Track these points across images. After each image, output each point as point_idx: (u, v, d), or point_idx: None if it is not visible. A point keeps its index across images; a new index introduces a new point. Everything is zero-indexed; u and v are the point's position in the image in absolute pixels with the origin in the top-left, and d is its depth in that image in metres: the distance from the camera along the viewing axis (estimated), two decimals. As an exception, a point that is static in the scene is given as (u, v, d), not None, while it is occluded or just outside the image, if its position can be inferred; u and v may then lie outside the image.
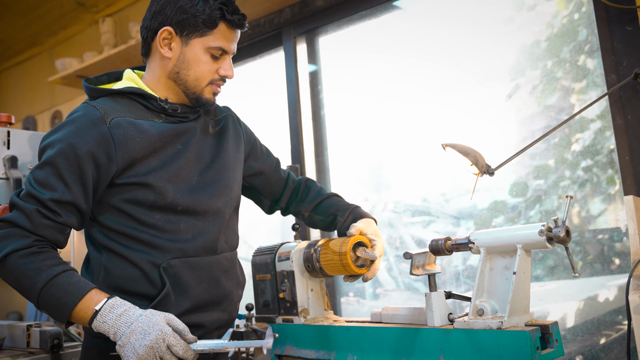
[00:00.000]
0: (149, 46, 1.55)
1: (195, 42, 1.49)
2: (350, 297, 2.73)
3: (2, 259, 1.32)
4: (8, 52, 4.44)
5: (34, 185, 1.38)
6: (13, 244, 1.32)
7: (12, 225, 1.35)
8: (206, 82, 1.53)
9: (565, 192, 2.16)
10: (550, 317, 2.17)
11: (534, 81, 2.25)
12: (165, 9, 1.48)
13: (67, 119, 1.46)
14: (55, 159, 1.38)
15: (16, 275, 1.33)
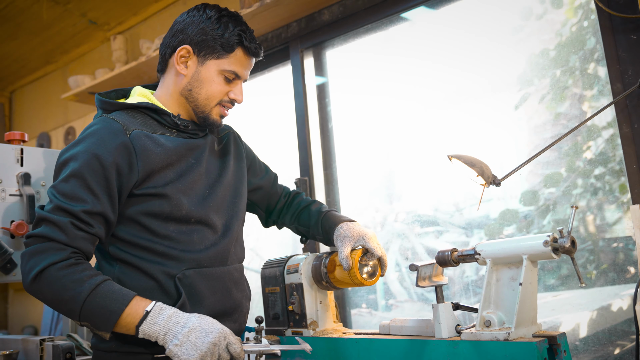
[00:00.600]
0: (166, 62, 1.61)
1: (211, 63, 1.55)
2: (363, 309, 2.72)
3: (39, 273, 1.32)
4: (23, 70, 4.52)
5: (62, 199, 1.38)
6: (50, 258, 1.33)
7: (46, 240, 1.35)
8: (215, 102, 1.58)
9: (577, 200, 2.14)
10: (563, 327, 2.15)
11: (544, 89, 2.25)
12: (187, 29, 1.55)
13: (86, 132, 1.48)
14: (81, 170, 1.40)
15: (56, 288, 1.32)
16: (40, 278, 1.33)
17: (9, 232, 1.83)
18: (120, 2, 3.55)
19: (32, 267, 1.33)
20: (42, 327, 3.80)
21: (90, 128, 1.48)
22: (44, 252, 1.34)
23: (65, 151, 1.46)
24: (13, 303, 4.61)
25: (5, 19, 3.80)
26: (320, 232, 1.76)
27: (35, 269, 1.32)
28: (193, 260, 1.51)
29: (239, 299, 1.62)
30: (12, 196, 1.88)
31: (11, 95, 4.91)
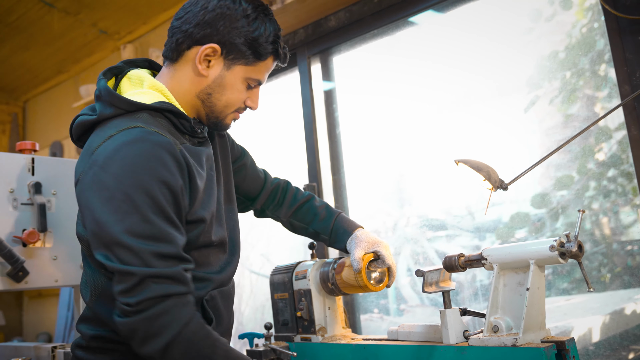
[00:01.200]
0: (180, 53, 1.37)
1: (238, 69, 1.37)
2: (374, 314, 2.72)
3: (170, 343, 1.16)
4: (35, 80, 4.59)
5: (153, 244, 1.17)
6: (177, 321, 1.16)
7: (165, 298, 1.16)
8: (233, 109, 1.43)
9: (590, 203, 2.13)
10: (575, 331, 2.13)
11: (554, 92, 2.24)
12: (218, 23, 1.33)
13: (128, 152, 1.21)
14: (159, 204, 1.19)
15: (190, 357, 1.18)
16: (172, 348, 1.16)
17: (20, 241, 1.86)
18: (130, 12, 3.59)
19: (158, 334, 1.15)
20: (56, 333, 3.84)
21: (135, 145, 1.21)
22: (167, 314, 1.16)
23: (114, 177, 1.19)
24: (28, 310, 4.67)
25: (18, 30, 3.86)
26: (330, 233, 1.68)
27: (164, 338, 1.15)
28: (215, 281, 1.42)
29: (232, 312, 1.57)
30: (24, 205, 1.90)
31: (24, 105, 4.98)
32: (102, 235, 1.17)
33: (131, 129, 1.24)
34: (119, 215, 1.16)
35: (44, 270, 1.92)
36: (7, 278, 1.83)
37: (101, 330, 1.34)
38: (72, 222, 2.01)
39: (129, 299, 1.14)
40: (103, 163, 1.20)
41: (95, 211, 1.18)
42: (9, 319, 4.42)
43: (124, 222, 1.16)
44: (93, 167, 1.22)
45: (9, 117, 4.87)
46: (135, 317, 1.15)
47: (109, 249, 1.17)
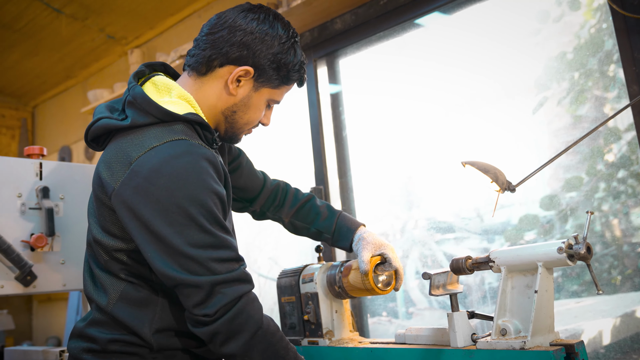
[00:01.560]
0: (211, 68, 1.39)
1: (265, 91, 1.43)
2: (383, 317, 2.71)
3: (250, 339, 1.24)
4: (44, 85, 4.62)
5: (214, 252, 1.23)
6: (254, 321, 1.25)
7: (237, 300, 1.24)
8: (251, 126, 1.49)
9: (600, 204, 2.11)
10: (585, 334, 2.11)
11: (562, 93, 2.22)
12: (256, 47, 1.36)
13: (176, 165, 1.23)
14: (212, 212, 1.25)
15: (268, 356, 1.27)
16: (253, 344, 1.25)
17: (28, 245, 1.87)
18: (137, 17, 3.61)
19: (238, 333, 1.24)
20: (65, 337, 3.85)
21: (183, 158, 1.25)
22: (242, 313, 1.24)
23: (165, 189, 1.21)
24: (37, 314, 4.69)
25: (27, 36, 3.89)
26: (333, 232, 1.70)
27: (244, 336, 1.24)
28: None
29: None
30: (32, 209, 1.91)
31: (33, 110, 5.01)
32: (163, 247, 1.21)
33: (176, 141, 1.27)
34: (177, 228, 1.21)
35: (52, 274, 1.93)
36: (16, 282, 1.83)
37: (119, 334, 1.34)
38: (80, 226, 2.01)
39: (206, 310, 1.21)
40: (148, 175, 1.22)
41: (149, 224, 1.22)
42: (18, 323, 4.44)
43: (184, 235, 1.21)
44: (135, 178, 1.23)
45: (18, 122, 4.90)
46: (214, 324, 1.22)
47: (173, 260, 1.21)
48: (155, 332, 1.33)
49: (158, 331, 1.34)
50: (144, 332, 1.32)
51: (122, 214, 1.27)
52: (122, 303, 1.35)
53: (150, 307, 1.35)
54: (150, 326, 1.33)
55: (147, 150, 1.26)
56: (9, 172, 1.88)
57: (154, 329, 1.33)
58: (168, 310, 1.36)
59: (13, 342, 4.30)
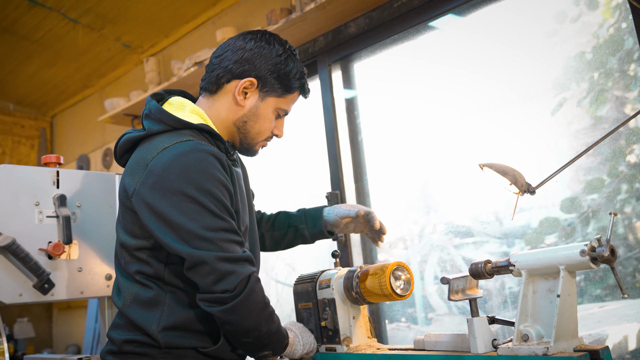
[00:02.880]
0: (220, 85, 1.57)
1: (271, 100, 1.58)
2: (402, 323, 2.68)
3: (247, 281, 1.37)
4: (62, 95, 4.68)
5: (225, 234, 1.37)
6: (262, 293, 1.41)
7: (249, 278, 1.36)
8: (264, 137, 1.62)
9: (622, 206, 2.06)
10: (610, 340, 2.06)
11: (582, 93, 2.18)
12: (256, 61, 1.53)
13: (185, 160, 1.38)
14: (220, 200, 1.39)
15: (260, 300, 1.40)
16: (262, 318, 1.39)
17: (46, 253, 1.88)
18: (152, 25, 3.64)
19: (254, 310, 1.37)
20: (84, 345, 3.88)
21: (190, 154, 1.39)
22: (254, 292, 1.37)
23: (177, 183, 1.36)
24: (57, 322, 4.73)
25: (45, 47, 3.94)
26: (304, 219, 1.84)
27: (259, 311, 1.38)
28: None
29: None
30: (49, 218, 1.92)
31: (52, 120, 5.08)
32: (180, 233, 1.34)
33: (184, 142, 1.42)
34: (191, 215, 1.34)
35: (70, 282, 1.94)
36: (34, 290, 1.84)
37: (132, 334, 1.46)
38: (97, 233, 2.02)
39: (226, 286, 1.33)
40: (162, 172, 1.38)
41: (166, 216, 1.36)
42: (39, 330, 4.48)
43: (198, 220, 1.34)
44: (151, 177, 1.39)
45: (37, 132, 4.97)
46: (233, 302, 1.33)
47: (190, 242, 1.34)
48: (162, 329, 1.42)
49: (165, 329, 1.43)
50: (152, 331, 1.42)
51: (141, 211, 1.41)
52: (134, 304, 1.47)
53: (158, 307, 1.45)
54: (157, 324, 1.43)
55: (159, 151, 1.42)
56: (27, 181, 1.89)
57: (161, 327, 1.43)
58: (175, 310, 1.45)
59: (34, 349, 4.34)
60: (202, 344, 1.46)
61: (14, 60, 4.15)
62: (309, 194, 2.11)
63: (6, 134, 4.79)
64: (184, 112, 1.54)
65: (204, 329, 1.47)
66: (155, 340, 1.43)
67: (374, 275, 1.59)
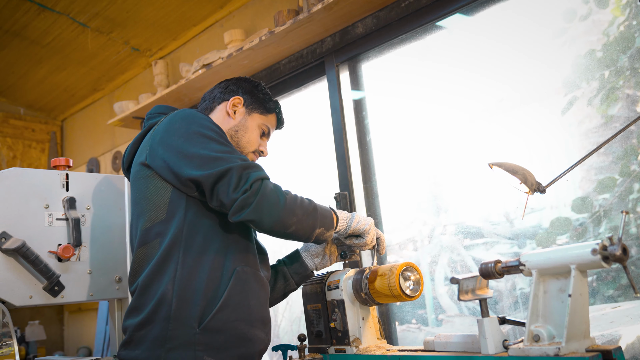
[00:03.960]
0: (213, 108, 1.87)
1: (255, 116, 1.86)
2: (412, 324, 2.66)
3: (285, 197, 1.55)
4: (72, 99, 4.70)
5: (235, 154, 1.56)
6: (279, 188, 1.57)
7: (262, 179, 1.53)
8: (253, 148, 1.85)
9: (635, 205, 2.04)
10: (623, 340, 2.03)
11: (592, 92, 2.16)
12: (241, 85, 1.88)
13: (184, 115, 1.64)
14: (222, 135, 1.62)
15: (300, 204, 1.57)
16: (287, 202, 1.53)
17: (55, 256, 1.89)
18: (160, 29, 3.65)
19: (277, 192, 1.53)
20: (95, 347, 3.89)
21: (188, 111, 1.66)
22: (268, 188, 1.52)
23: (181, 131, 1.58)
24: (68, 325, 4.75)
25: (54, 51, 3.97)
26: (284, 262, 1.90)
27: (282, 195, 1.53)
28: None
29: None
30: (59, 220, 1.93)
31: (62, 124, 5.11)
32: (195, 161, 1.52)
33: (184, 109, 1.69)
34: (201, 145, 1.55)
35: (79, 284, 1.94)
36: (44, 292, 1.85)
37: (143, 314, 1.52)
38: (106, 236, 2.03)
39: (244, 187, 1.48)
40: (166, 127, 1.62)
41: (180, 150, 1.55)
42: (50, 333, 4.51)
43: (208, 147, 1.55)
44: (157, 136, 1.62)
45: (47, 136, 5.00)
46: (256, 198, 1.47)
47: (205, 166, 1.51)
48: (176, 284, 1.51)
49: (179, 287, 1.51)
50: (166, 290, 1.51)
51: (157, 164, 1.60)
52: (149, 269, 1.57)
53: (171, 262, 1.54)
54: (173, 278, 1.52)
55: (160, 121, 1.68)
56: (37, 184, 1.91)
57: (176, 283, 1.51)
58: (186, 264, 1.54)
59: (45, 352, 4.36)
60: (207, 312, 1.50)
61: (24, 64, 4.18)
62: (318, 195, 2.10)
63: (17, 138, 4.82)
64: None
65: (211, 292, 1.53)
66: (168, 304, 1.49)
67: (383, 276, 1.58)
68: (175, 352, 1.46)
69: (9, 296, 1.78)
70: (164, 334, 1.47)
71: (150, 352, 1.48)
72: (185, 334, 1.47)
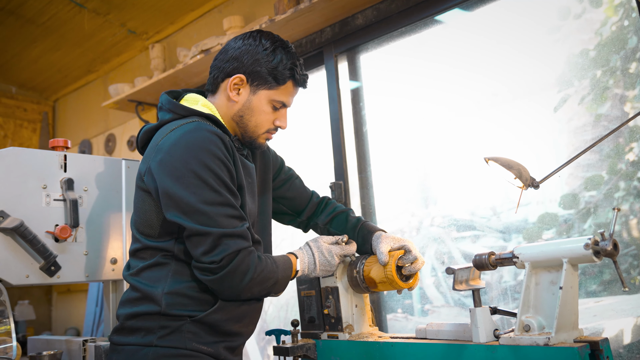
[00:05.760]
0: (217, 85, 1.68)
1: (262, 93, 1.64)
2: (399, 314, 2.71)
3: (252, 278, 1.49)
4: (65, 79, 4.67)
5: (222, 209, 1.45)
6: (251, 266, 1.48)
7: (238, 252, 1.45)
8: (264, 130, 1.68)
9: (620, 203, 2.09)
10: (605, 334, 2.09)
11: (584, 90, 2.20)
12: (243, 57, 1.62)
13: (189, 138, 1.49)
14: (219, 176, 1.48)
15: (265, 278, 1.51)
16: (252, 286, 1.49)
17: (53, 236, 1.90)
18: (158, 12, 3.63)
19: (240, 281, 1.46)
20: (84, 329, 3.91)
21: (194, 133, 1.50)
22: (242, 263, 1.46)
23: (180, 159, 1.47)
24: (57, 305, 4.76)
25: (49, 31, 3.94)
26: (357, 238, 1.79)
27: (245, 282, 1.47)
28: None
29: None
30: (56, 201, 1.94)
31: (54, 104, 5.08)
32: (180, 206, 1.45)
33: (190, 123, 1.53)
34: (192, 189, 1.44)
35: (76, 265, 1.95)
36: (40, 272, 1.86)
37: (136, 307, 1.54)
38: (103, 218, 2.04)
39: (213, 257, 1.42)
40: (168, 149, 1.49)
41: (168, 189, 1.46)
42: (38, 313, 4.51)
43: (197, 194, 1.44)
44: (159, 154, 1.50)
45: (39, 116, 4.97)
46: (221, 273, 1.43)
47: (187, 216, 1.44)
48: (166, 293, 1.52)
49: (169, 293, 1.52)
50: (157, 294, 1.52)
51: (152, 187, 1.53)
52: (143, 272, 1.58)
53: (164, 272, 1.55)
54: (162, 288, 1.52)
55: (168, 132, 1.54)
56: (35, 164, 1.91)
57: (166, 290, 1.52)
58: (178, 277, 1.54)
59: (33, 332, 4.37)
60: (198, 312, 1.52)
61: (18, 43, 4.14)
62: (313, 184, 2.12)
63: (8, 117, 4.79)
64: (196, 105, 1.66)
65: (203, 296, 1.54)
66: (158, 305, 1.51)
67: (378, 264, 1.61)
68: (165, 338, 1.50)
69: (5, 275, 1.79)
70: (156, 324, 1.52)
71: (142, 339, 1.53)
72: (175, 324, 1.51)
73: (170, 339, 1.50)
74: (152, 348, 1.50)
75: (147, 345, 1.51)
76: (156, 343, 1.50)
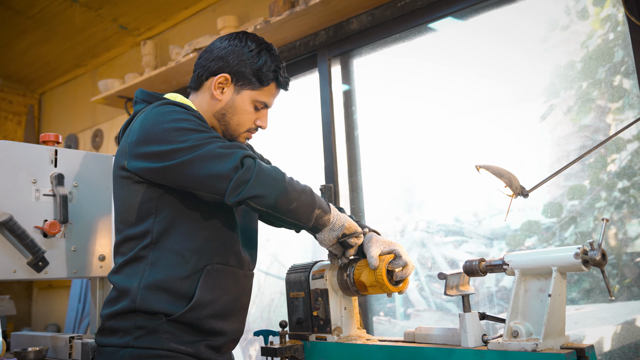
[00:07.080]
0: (201, 83, 1.69)
1: (246, 93, 1.66)
2: (381, 317, 2.73)
3: (253, 167, 1.45)
4: (53, 73, 4.63)
5: (214, 140, 1.46)
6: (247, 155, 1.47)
7: (248, 157, 1.45)
8: (245, 129, 1.69)
9: (601, 213, 2.13)
10: (586, 341, 2.13)
11: (569, 101, 2.24)
12: (228, 57, 1.65)
13: (160, 109, 1.52)
14: (200, 123, 1.51)
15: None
16: (286, 175, 1.48)
17: (41, 231, 1.88)
18: (150, 8, 3.62)
19: (274, 168, 1.48)
20: (66, 325, 3.87)
21: (165, 105, 1.54)
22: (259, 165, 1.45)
23: (154, 125, 1.49)
24: (37, 301, 4.70)
25: (39, 23, 3.90)
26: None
27: (278, 169, 1.48)
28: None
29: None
30: (46, 196, 1.92)
31: (41, 97, 5.02)
32: (177, 156, 1.44)
33: (160, 103, 1.57)
34: (180, 138, 1.45)
35: (64, 261, 1.94)
36: (28, 267, 1.85)
37: (115, 306, 1.54)
38: (93, 214, 2.03)
39: (235, 163, 1.41)
40: (141, 124, 1.51)
41: (157, 151, 1.47)
42: (18, 309, 4.45)
43: (189, 139, 1.45)
44: (134, 134, 1.52)
45: (25, 108, 4.91)
46: (252, 175, 1.41)
47: (191, 163, 1.44)
48: (142, 287, 1.51)
49: (145, 287, 1.51)
50: (133, 289, 1.51)
51: (136, 166, 1.52)
52: (121, 267, 1.58)
53: (141, 265, 1.54)
54: (139, 282, 1.52)
55: (138, 115, 1.58)
56: (25, 158, 1.89)
57: (142, 285, 1.51)
58: (156, 268, 1.53)
59: (12, 327, 4.31)
60: (175, 308, 1.51)
61: (7, 35, 4.09)
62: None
63: (-7, 109, 4.74)
64: (175, 99, 1.67)
65: (181, 289, 1.53)
66: (133, 300, 1.50)
67: (368, 267, 1.63)
68: (141, 339, 1.50)
69: (-8, 269, 1.78)
70: (132, 324, 1.51)
71: (119, 340, 1.52)
72: (152, 324, 1.51)
73: (146, 340, 1.50)
74: (128, 349, 1.50)
75: (124, 346, 1.51)
76: (132, 344, 1.50)
